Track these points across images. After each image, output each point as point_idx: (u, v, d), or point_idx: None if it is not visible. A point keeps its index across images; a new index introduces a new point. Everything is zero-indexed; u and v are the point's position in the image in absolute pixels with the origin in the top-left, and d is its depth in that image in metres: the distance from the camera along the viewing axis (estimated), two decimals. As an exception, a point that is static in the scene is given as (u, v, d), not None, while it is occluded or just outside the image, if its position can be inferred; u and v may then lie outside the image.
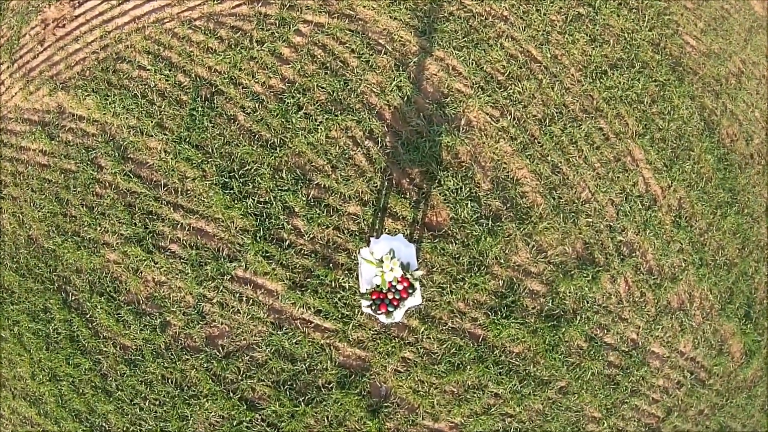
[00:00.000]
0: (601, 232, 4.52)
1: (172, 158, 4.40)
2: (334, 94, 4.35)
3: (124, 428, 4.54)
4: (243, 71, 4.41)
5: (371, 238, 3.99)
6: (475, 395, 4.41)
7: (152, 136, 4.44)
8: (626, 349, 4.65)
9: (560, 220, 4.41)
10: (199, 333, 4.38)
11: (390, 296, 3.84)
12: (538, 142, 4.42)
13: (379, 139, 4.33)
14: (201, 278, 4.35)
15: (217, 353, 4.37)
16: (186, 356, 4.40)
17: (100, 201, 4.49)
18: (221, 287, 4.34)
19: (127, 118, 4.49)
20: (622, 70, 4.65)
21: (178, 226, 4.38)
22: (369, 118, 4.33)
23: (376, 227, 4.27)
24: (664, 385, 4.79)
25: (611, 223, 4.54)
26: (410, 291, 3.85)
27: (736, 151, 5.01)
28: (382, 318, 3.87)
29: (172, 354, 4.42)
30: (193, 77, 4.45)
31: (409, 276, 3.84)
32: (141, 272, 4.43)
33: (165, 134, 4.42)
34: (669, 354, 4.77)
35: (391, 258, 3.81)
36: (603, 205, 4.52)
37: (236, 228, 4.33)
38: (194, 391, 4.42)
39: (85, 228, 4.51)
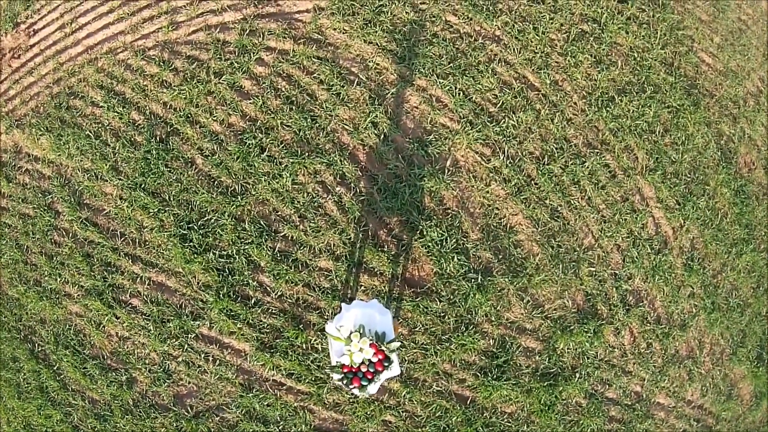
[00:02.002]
0: (604, 281, 3.16)
1: (128, 206, 3.13)
2: (301, 133, 2.99)
3: (101, 478, 3.42)
4: (200, 107, 3.07)
5: (342, 305, 2.70)
6: (463, 457, 3.17)
7: (107, 180, 3.17)
8: (629, 403, 3.34)
9: (559, 271, 3.06)
10: (167, 391, 3.19)
11: (363, 369, 2.59)
12: (535, 184, 3.03)
13: (353, 184, 2.99)
14: (164, 336, 3.14)
15: (186, 413, 3.18)
16: (155, 414, 3.23)
17: (59, 250, 3.27)
18: (186, 345, 3.13)
19: (81, 160, 3.22)
20: (632, 96, 3.20)
21: (138, 279, 3.14)
22: (341, 161, 2.98)
23: (351, 284, 2.97)
24: (667, 435, 3.49)
25: (616, 271, 3.18)
26: (386, 364, 2.59)
27: (753, 182, 3.55)
28: (356, 392, 2.63)
29: (140, 411, 3.25)
30: (147, 114, 3.14)
31: (384, 348, 2.56)
32: (103, 326, 3.23)
33: (120, 179, 3.14)
34: (675, 404, 3.45)
35: (361, 336, 2.53)
36: (608, 252, 3.14)
37: (198, 283, 3.08)
38: (166, 448, 3.25)
39: (46, 277, 3.31)
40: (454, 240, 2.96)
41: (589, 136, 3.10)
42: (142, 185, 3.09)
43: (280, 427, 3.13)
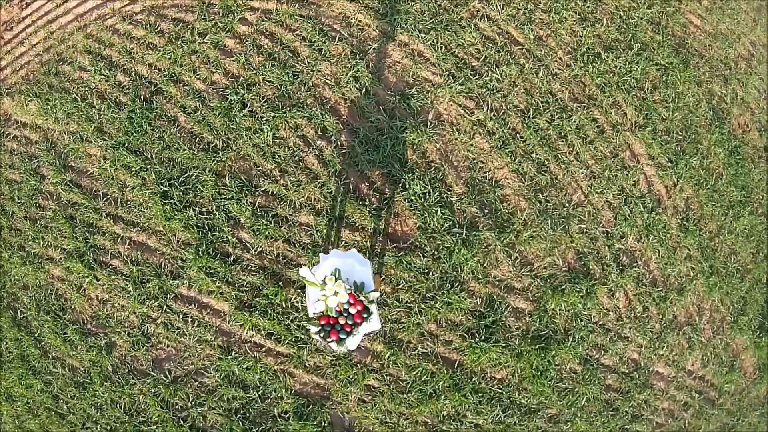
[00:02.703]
0: (596, 239, 2.97)
1: (111, 165, 3.04)
2: (283, 89, 2.90)
3: (80, 453, 3.22)
4: (184, 67, 3.00)
5: (320, 255, 2.55)
6: (452, 427, 2.94)
7: (92, 141, 3.09)
8: (627, 371, 3.10)
9: (548, 227, 2.88)
10: (146, 355, 3.03)
11: (342, 321, 2.42)
12: (521, 137, 2.89)
13: (334, 137, 2.87)
14: (143, 296, 2.99)
15: (164, 378, 3.01)
16: (133, 380, 3.05)
17: (43, 213, 3.17)
18: (165, 306, 2.97)
19: (67, 124, 3.15)
20: (618, 53, 3.08)
21: (119, 239, 3.02)
22: (322, 114, 2.87)
23: (332, 239, 2.82)
24: (669, 407, 3.22)
25: (608, 229, 2.99)
26: (365, 315, 2.42)
27: (748, 144, 3.37)
28: (334, 346, 2.45)
29: (119, 377, 3.08)
30: (132, 76, 3.07)
31: (362, 298, 2.39)
32: (84, 289, 3.09)
33: (104, 139, 3.06)
34: (675, 374, 3.20)
35: (336, 279, 2.37)
36: (598, 209, 2.96)
37: (178, 241, 2.94)
38: (144, 417, 3.07)
39: (30, 242, 3.19)
40: (438, 193, 2.81)
41: (576, 91, 2.96)
42: (126, 144, 3.01)
43: (259, 392, 2.94)
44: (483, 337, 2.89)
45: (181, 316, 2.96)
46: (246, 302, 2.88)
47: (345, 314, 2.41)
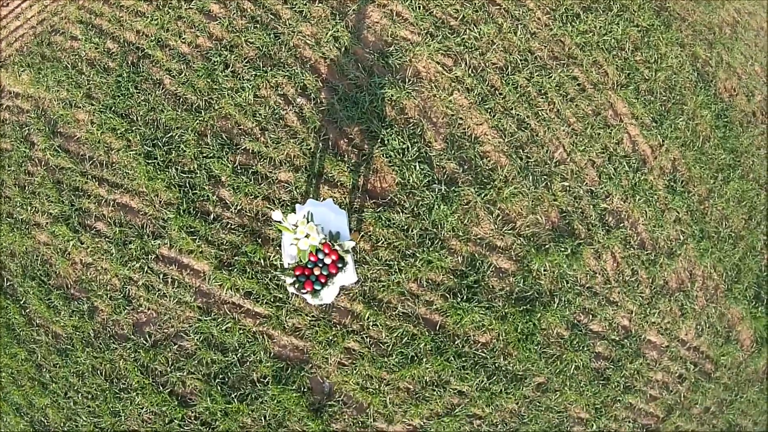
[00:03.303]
0: (580, 198, 2.88)
1: (97, 129, 3.04)
2: (264, 49, 2.90)
3: (62, 423, 3.13)
4: (170, 32, 3.03)
5: (296, 205, 2.50)
6: (435, 393, 2.81)
7: (80, 107, 3.10)
8: (617, 338, 2.96)
9: (530, 184, 2.80)
10: (126, 319, 2.96)
11: (317, 272, 2.35)
12: (500, 94, 2.84)
13: (314, 95, 2.84)
14: (125, 258, 2.95)
15: (144, 342, 2.94)
16: (114, 345, 2.99)
17: (31, 179, 3.17)
18: (146, 268, 2.92)
19: (58, 91, 3.17)
20: (598, 14, 3.04)
21: (103, 201, 3.00)
22: (302, 73, 2.85)
23: (311, 195, 2.77)
24: (663, 379, 3.06)
25: (593, 188, 2.90)
26: (340, 266, 2.35)
27: (736, 108, 3.28)
28: (308, 298, 2.38)
29: (100, 343, 3.01)
30: (121, 43, 3.10)
31: (337, 247, 2.33)
32: (69, 253, 3.06)
33: (92, 104, 3.07)
34: (668, 343, 3.05)
35: (308, 222, 2.31)
36: (582, 167, 2.88)
37: (160, 201, 2.91)
38: (124, 384, 2.99)
39: (18, 209, 3.19)
40: (417, 149, 2.75)
41: (555, 50, 2.92)
42: (112, 107, 3.01)
43: (238, 355, 2.85)
44: (465, 298, 2.78)
45: (161, 277, 2.90)
46: (225, 261, 2.82)
47: (320, 265, 2.34)
